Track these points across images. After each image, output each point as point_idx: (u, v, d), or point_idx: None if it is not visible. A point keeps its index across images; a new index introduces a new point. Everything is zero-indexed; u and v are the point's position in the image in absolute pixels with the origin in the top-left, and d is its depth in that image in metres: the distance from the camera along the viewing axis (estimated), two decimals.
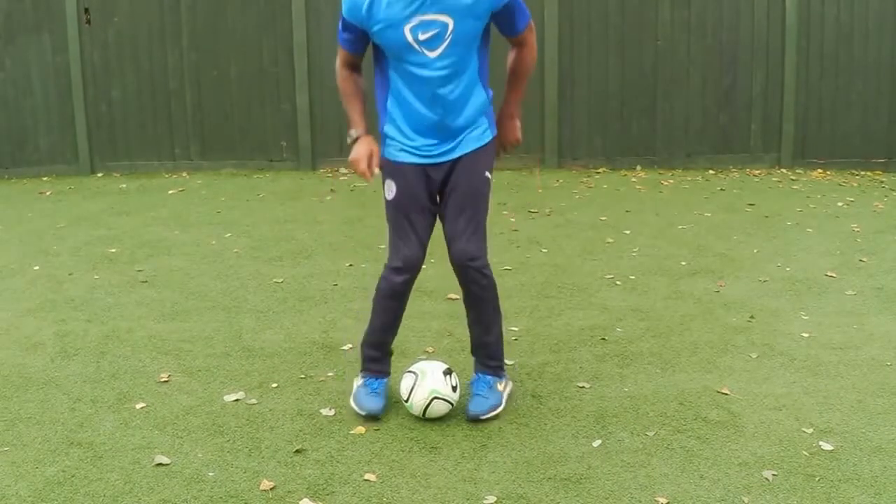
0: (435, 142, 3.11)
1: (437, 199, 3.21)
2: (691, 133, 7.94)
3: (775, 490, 2.71)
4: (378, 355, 3.35)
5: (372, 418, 3.21)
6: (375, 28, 2.99)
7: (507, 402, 3.28)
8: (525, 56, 3.23)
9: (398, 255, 3.18)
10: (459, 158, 3.14)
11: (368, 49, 3.17)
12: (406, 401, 3.21)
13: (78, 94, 7.99)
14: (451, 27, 2.94)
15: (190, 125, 8.10)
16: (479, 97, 3.13)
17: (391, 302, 3.28)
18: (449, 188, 3.16)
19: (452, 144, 3.12)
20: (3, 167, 8.17)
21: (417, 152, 3.12)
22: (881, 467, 2.84)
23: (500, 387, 3.30)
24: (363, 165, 3.11)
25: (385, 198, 3.20)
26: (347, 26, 3.07)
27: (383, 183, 3.21)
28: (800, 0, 7.64)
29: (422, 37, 2.95)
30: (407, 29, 2.94)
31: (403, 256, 3.17)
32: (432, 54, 2.97)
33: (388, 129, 3.17)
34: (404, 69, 3.03)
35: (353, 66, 3.22)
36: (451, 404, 3.20)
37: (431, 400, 3.16)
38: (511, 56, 3.24)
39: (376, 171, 3.14)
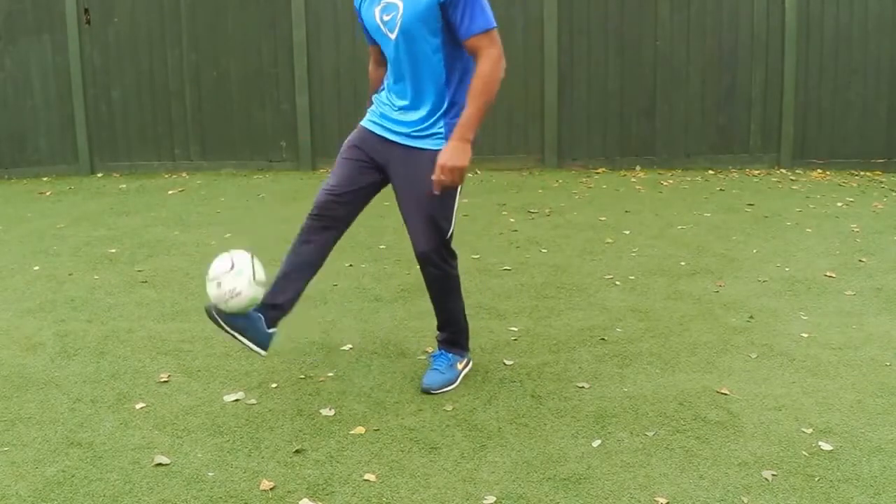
0: (389, 118, 3.26)
1: (385, 180, 3.34)
2: (691, 133, 7.95)
3: (775, 490, 2.72)
4: (272, 300, 3.22)
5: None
6: (361, 9, 3.26)
7: (461, 380, 3.48)
8: (477, 70, 3.01)
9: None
10: (411, 151, 3.20)
11: None
12: (211, 279, 3.09)
13: (78, 94, 8.00)
14: (400, 10, 3.09)
15: (190, 125, 8.10)
16: (437, 98, 3.15)
17: (298, 239, 3.35)
18: (400, 181, 3.27)
19: (401, 128, 3.22)
20: (3, 167, 8.18)
21: (376, 120, 3.31)
22: (881, 467, 2.84)
23: (459, 366, 3.51)
24: None
25: None
26: (357, 14, 3.33)
27: None
28: (799, 0, 7.65)
29: (385, 17, 3.15)
30: (377, 10, 3.16)
31: (317, 194, 3.34)
32: (391, 36, 3.15)
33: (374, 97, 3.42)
34: (383, 50, 3.27)
35: (377, 60, 3.44)
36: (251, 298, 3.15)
37: (235, 296, 3.07)
38: None
39: None
